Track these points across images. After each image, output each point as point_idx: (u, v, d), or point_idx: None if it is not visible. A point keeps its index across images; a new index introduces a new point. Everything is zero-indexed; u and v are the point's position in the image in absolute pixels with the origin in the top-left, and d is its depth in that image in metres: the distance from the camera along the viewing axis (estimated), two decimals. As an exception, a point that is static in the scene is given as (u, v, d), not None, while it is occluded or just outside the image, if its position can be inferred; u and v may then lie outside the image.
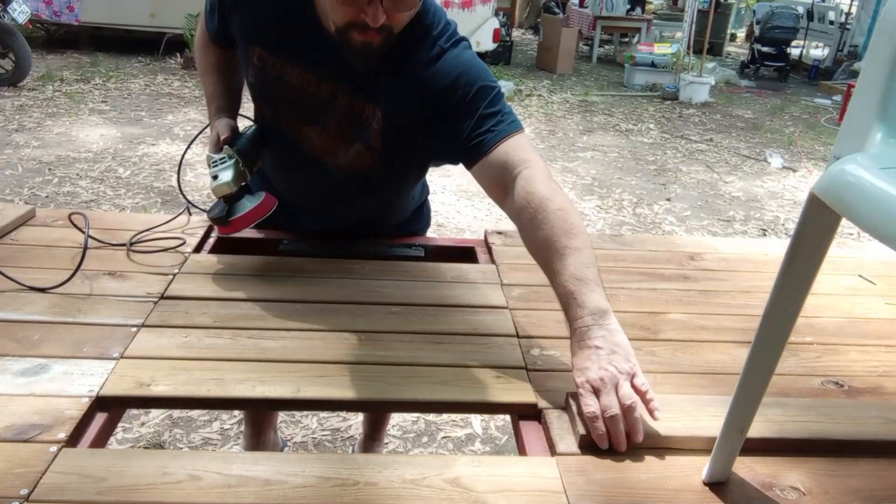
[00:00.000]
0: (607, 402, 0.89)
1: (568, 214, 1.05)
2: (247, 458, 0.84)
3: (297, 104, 1.26)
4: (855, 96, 0.73)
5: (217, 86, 1.40)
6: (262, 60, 1.25)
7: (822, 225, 0.70)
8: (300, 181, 1.41)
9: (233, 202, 1.28)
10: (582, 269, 1.00)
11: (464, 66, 1.19)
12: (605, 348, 0.94)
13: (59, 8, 8.05)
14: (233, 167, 1.26)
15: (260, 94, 1.31)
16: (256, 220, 1.28)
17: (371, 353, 1.07)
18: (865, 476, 0.89)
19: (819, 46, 12.89)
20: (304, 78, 1.23)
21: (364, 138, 1.25)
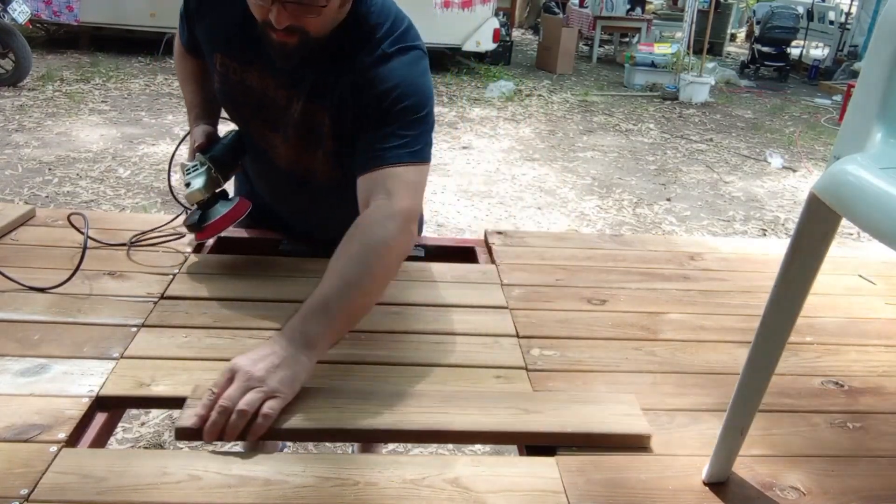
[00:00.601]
0: (231, 393, 0.87)
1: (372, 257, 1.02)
2: (247, 458, 0.84)
3: (260, 109, 1.26)
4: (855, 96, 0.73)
5: (195, 94, 1.40)
6: (224, 66, 1.26)
7: (822, 225, 0.70)
8: (276, 188, 1.41)
9: (207, 208, 1.29)
10: (336, 305, 0.98)
11: (400, 78, 1.15)
12: (278, 358, 0.91)
13: (59, 8, 8.04)
14: (205, 174, 1.27)
15: (225, 100, 1.32)
16: (229, 224, 1.29)
17: (371, 353, 1.07)
18: (865, 476, 0.89)
19: (819, 46, 12.89)
20: (263, 82, 1.23)
21: (318, 144, 1.23)
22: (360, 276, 1.01)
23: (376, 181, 1.10)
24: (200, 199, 1.28)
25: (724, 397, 0.89)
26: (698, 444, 0.93)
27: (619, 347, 1.15)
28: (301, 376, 0.92)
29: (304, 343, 0.94)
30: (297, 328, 0.95)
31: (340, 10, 1.12)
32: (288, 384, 0.90)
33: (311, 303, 0.98)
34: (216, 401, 0.87)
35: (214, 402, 0.87)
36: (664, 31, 11.73)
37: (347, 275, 1.01)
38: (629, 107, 8.15)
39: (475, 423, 0.91)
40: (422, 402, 0.95)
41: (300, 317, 0.96)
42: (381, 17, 1.18)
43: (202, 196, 1.27)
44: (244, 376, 0.88)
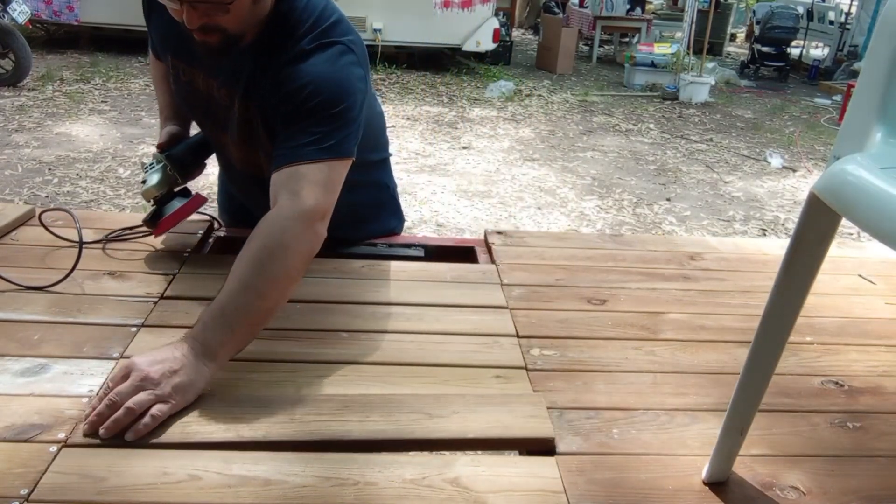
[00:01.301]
0: (122, 388, 0.87)
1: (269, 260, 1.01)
2: (247, 459, 0.84)
3: (208, 113, 1.27)
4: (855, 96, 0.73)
5: (165, 95, 1.41)
6: (175, 68, 1.28)
7: (822, 225, 0.70)
8: (240, 187, 1.42)
9: (162, 205, 1.32)
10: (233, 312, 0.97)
11: (315, 74, 1.11)
12: (177, 364, 0.90)
13: (59, 8, 8.04)
14: (160, 171, 1.31)
15: (181, 101, 1.34)
16: (181, 219, 1.32)
17: (371, 353, 1.07)
18: (865, 476, 0.89)
19: (819, 46, 12.88)
20: (207, 83, 1.24)
21: (257, 142, 1.22)
22: (257, 281, 0.99)
23: (283, 180, 1.07)
24: (154, 196, 1.31)
25: (724, 397, 0.89)
26: (698, 444, 0.93)
27: (619, 347, 1.15)
28: (198, 385, 0.91)
29: (203, 352, 0.93)
30: (198, 337, 0.94)
31: (256, 6, 1.10)
32: (181, 392, 0.89)
33: (210, 310, 0.96)
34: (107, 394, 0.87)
35: (105, 395, 0.87)
36: (664, 31, 11.73)
37: (245, 279, 0.99)
38: (629, 107, 8.15)
39: (377, 432, 0.89)
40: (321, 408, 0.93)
41: (201, 325, 0.95)
42: (304, 14, 1.15)
43: (155, 192, 1.31)
44: (139, 376, 0.88)
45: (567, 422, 0.95)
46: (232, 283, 0.98)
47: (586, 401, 1.00)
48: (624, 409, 0.99)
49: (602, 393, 1.03)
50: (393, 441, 0.89)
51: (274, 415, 0.90)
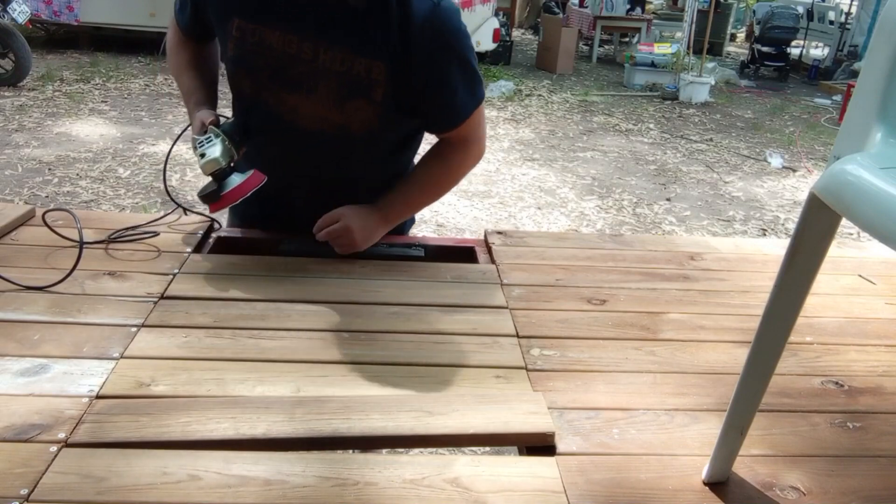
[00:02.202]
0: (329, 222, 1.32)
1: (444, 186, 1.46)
2: (247, 459, 0.84)
3: (279, 72, 1.26)
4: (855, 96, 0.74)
5: (194, 80, 1.40)
6: (240, 31, 1.26)
7: (822, 225, 0.70)
8: (292, 156, 1.38)
9: (222, 179, 1.26)
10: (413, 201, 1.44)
11: (453, 28, 1.25)
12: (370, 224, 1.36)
13: (59, 8, 8.05)
14: (220, 144, 1.25)
15: (240, 67, 1.30)
16: (246, 193, 1.26)
17: (371, 353, 1.07)
18: (865, 476, 0.89)
19: (819, 46, 12.88)
20: (284, 40, 1.24)
21: (363, 92, 1.25)
22: (435, 190, 1.44)
23: (462, 131, 1.34)
24: (217, 169, 1.24)
25: (724, 397, 0.89)
26: (698, 444, 0.93)
27: (619, 347, 1.15)
28: (373, 241, 1.38)
29: (385, 220, 1.39)
30: (386, 212, 1.38)
31: None
32: (364, 241, 1.36)
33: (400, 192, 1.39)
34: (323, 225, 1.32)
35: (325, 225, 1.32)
36: (664, 31, 11.73)
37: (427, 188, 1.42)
38: (629, 107, 8.15)
39: (377, 429, 0.89)
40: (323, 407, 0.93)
41: (390, 205, 1.38)
42: None
43: (219, 165, 1.24)
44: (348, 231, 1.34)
45: (567, 422, 0.95)
46: (415, 186, 1.42)
47: (586, 401, 1.01)
48: (624, 409, 0.99)
49: (602, 393, 1.03)
50: (393, 437, 0.89)
51: (274, 414, 0.90)
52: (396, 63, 1.22)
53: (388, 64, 1.22)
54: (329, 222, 1.33)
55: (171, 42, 1.44)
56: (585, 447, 0.91)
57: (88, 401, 0.91)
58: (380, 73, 1.23)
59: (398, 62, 1.22)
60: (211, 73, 1.44)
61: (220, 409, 0.91)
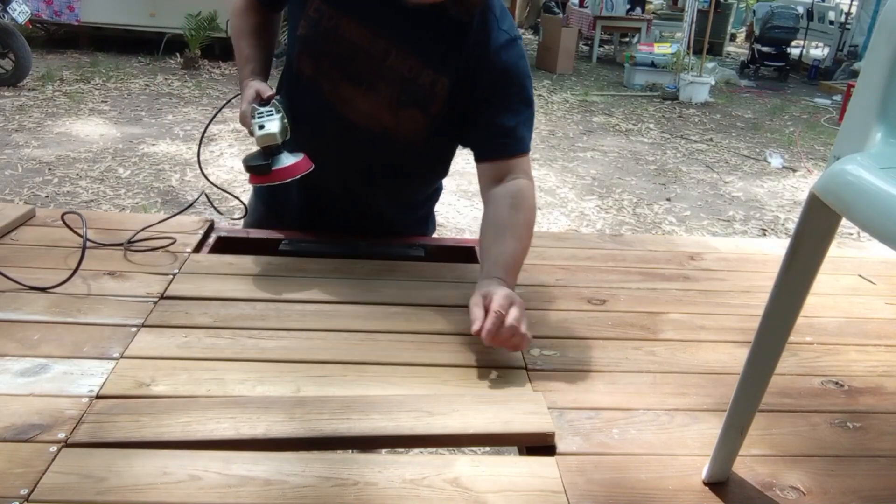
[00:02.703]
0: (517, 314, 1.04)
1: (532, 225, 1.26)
2: (247, 459, 0.83)
3: (345, 62, 1.26)
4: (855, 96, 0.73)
5: (254, 49, 1.39)
6: (318, 12, 1.25)
7: (822, 225, 0.70)
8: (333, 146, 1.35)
9: (272, 154, 1.25)
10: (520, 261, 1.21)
11: (524, 67, 1.28)
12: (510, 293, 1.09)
13: (59, 8, 8.05)
14: (279, 120, 1.24)
15: (306, 47, 1.29)
16: (295, 175, 1.25)
17: (371, 353, 1.07)
18: (865, 476, 0.89)
19: (819, 46, 12.89)
20: (359, 32, 1.23)
21: (420, 103, 1.26)
22: (527, 242, 1.24)
23: (512, 166, 1.28)
24: (272, 144, 1.23)
25: (724, 397, 0.89)
26: (698, 444, 0.93)
27: (619, 347, 1.15)
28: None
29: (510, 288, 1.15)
30: (507, 283, 1.14)
31: None
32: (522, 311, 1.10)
33: (509, 262, 1.18)
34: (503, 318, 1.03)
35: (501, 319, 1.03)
36: (664, 31, 11.73)
37: (522, 240, 1.23)
38: (629, 107, 8.15)
39: (377, 429, 0.89)
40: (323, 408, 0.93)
41: (504, 272, 1.16)
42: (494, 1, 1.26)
43: (274, 141, 1.23)
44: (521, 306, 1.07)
45: (567, 422, 0.95)
46: (517, 244, 1.21)
47: (586, 401, 1.01)
48: (624, 409, 0.99)
49: (602, 393, 1.03)
50: (393, 438, 0.89)
51: (274, 414, 0.90)
52: (460, 84, 1.24)
53: (453, 82, 1.24)
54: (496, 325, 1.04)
55: (237, 3, 1.42)
56: (585, 447, 0.91)
57: (88, 401, 0.91)
58: (443, 88, 1.24)
59: (462, 83, 1.24)
60: (270, 44, 1.44)
61: (220, 409, 0.91)
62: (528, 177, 1.29)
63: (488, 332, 1.01)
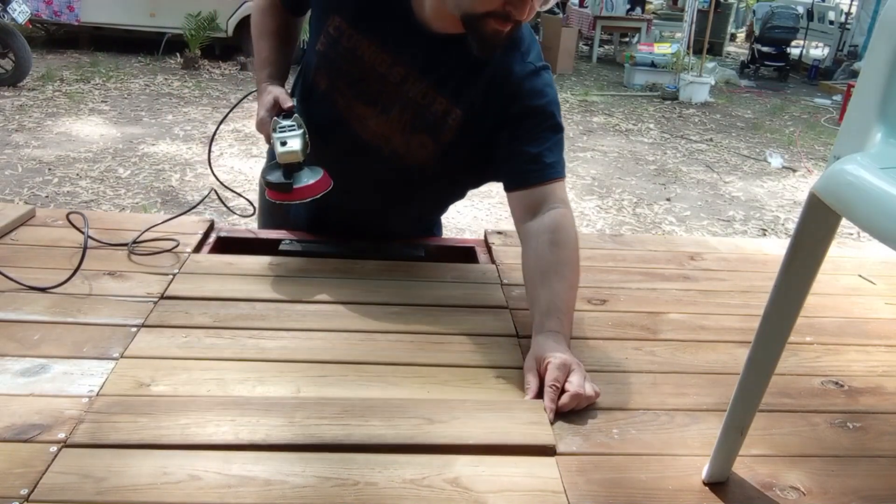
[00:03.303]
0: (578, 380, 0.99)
1: (578, 258, 1.18)
2: (247, 459, 0.83)
3: (360, 83, 1.25)
4: (855, 96, 0.74)
5: (273, 51, 1.37)
6: (338, 31, 1.24)
7: (822, 225, 0.70)
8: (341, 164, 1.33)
9: (292, 171, 1.23)
10: (572, 305, 1.14)
11: (550, 95, 1.24)
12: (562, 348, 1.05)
13: (59, 8, 8.05)
14: (300, 137, 1.22)
15: (323, 65, 1.29)
16: (317, 195, 1.24)
17: (371, 353, 1.07)
18: (865, 476, 0.89)
19: (819, 46, 12.89)
20: (377, 57, 1.22)
21: (431, 131, 1.25)
22: (575, 280, 1.16)
23: (545, 193, 1.20)
24: (295, 161, 1.22)
25: (724, 397, 0.89)
26: (698, 444, 0.93)
27: (619, 347, 1.15)
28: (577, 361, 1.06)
29: (566, 338, 1.09)
30: (564, 332, 1.09)
31: None
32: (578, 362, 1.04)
33: (560, 308, 1.11)
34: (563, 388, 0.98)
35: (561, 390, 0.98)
36: (664, 31, 11.73)
37: (570, 280, 1.15)
38: (629, 107, 8.15)
39: (377, 437, 0.88)
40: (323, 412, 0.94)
41: (559, 322, 1.09)
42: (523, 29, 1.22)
43: (297, 159, 1.22)
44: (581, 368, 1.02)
45: (567, 422, 0.95)
46: (564, 283, 1.14)
47: (586, 401, 1.00)
48: (624, 409, 0.99)
49: (602, 393, 1.02)
50: (392, 446, 0.88)
51: (274, 418, 0.90)
52: (476, 116, 1.23)
53: (467, 114, 1.23)
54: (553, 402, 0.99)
55: (261, 2, 1.41)
56: (585, 447, 0.91)
57: (88, 401, 0.91)
58: (455, 119, 1.23)
59: (479, 116, 1.22)
60: (290, 48, 1.42)
61: (220, 412, 0.91)
62: (565, 204, 1.21)
63: (551, 410, 0.96)
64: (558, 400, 0.96)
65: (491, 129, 1.23)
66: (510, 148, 1.23)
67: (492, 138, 1.23)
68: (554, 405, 0.96)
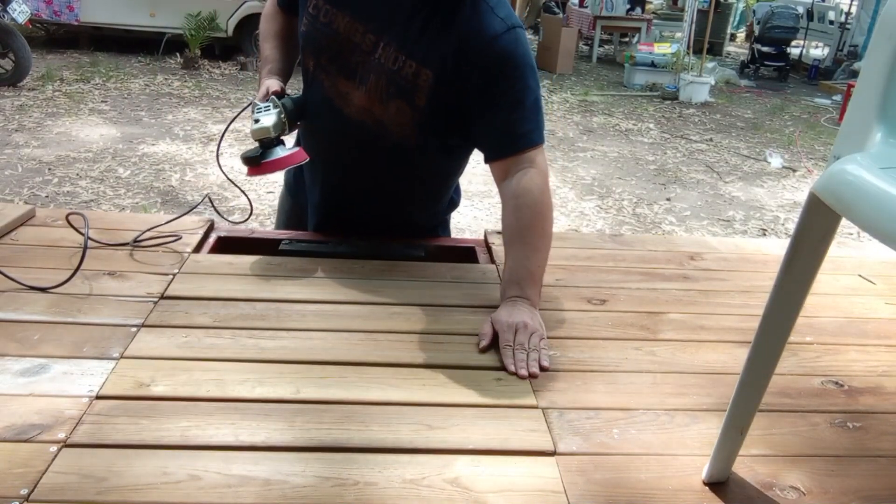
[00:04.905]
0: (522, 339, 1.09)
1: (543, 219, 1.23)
2: (247, 459, 0.84)
3: (339, 56, 1.30)
4: (855, 96, 0.74)
5: (274, 50, 1.45)
6: (316, 9, 1.30)
7: (822, 225, 0.70)
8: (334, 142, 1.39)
9: (267, 147, 1.30)
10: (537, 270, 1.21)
11: (522, 56, 1.24)
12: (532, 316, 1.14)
13: (59, 8, 8.04)
14: (275, 115, 1.29)
15: (307, 44, 1.35)
16: (284, 167, 1.31)
17: (371, 353, 1.07)
18: (865, 476, 0.89)
19: (819, 46, 12.88)
20: (351, 27, 1.27)
21: (405, 94, 1.26)
22: (541, 243, 1.22)
23: (522, 159, 1.24)
24: (265, 137, 1.29)
25: (724, 397, 0.89)
26: (698, 444, 0.93)
27: (619, 347, 1.15)
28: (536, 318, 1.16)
29: (532, 304, 1.17)
30: (526, 296, 1.17)
31: None
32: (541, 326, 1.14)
33: (519, 274, 1.19)
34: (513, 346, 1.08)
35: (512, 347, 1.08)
36: (664, 31, 11.72)
37: (534, 244, 1.22)
38: (629, 107, 8.15)
39: (376, 441, 0.88)
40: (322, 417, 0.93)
41: (519, 288, 1.18)
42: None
43: (267, 134, 1.28)
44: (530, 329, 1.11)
45: (567, 422, 0.95)
46: (526, 249, 1.21)
47: (586, 401, 1.00)
48: (624, 409, 0.99)
49: (602, 393, 1.03)
50: (392, 450, 0.88)
51: (273, 421, 0.90)
52: (446, 76, 1.23)
53: (437, 74, 1.24)
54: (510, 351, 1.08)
55: (266, 9, 1.51)
56: (585, 447, 0.91)
57: (88, 401, 0.91)
58: (426, 81, 1.24)
59: (448, 75, 1.23)
60: (293, 48, 1.48)
61: (220, 415, 0.91)
62: (535, 165, 1.24)
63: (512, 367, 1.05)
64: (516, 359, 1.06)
65: (464, 91, 1.24)
66: (487, 114, 1.25)
67: (467, 102, 1.25)
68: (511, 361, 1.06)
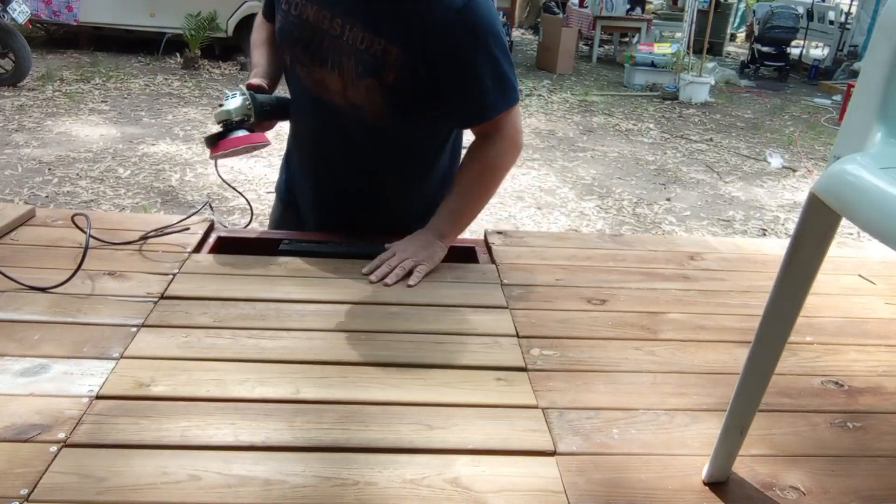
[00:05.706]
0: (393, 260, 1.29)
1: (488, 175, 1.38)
2: (247, 459, 0.84)
3: (311, 45, 1.33)
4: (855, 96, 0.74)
5: (262, 56, 1.51)
6: (287, 4, 1.35)
7: (822, 225, 0.70)
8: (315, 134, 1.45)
9: (228, 130, 1.34)
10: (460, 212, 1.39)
11: (487, 24, 1.26)
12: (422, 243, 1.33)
13: (59, 8, 8.04)
14: (240, 100, 1.35)
15: (283, 39, 1.39)
16: (239, 145, 1.34)
17: (371, 354, 1.07)
18: (865, 476, 0.89)
19: (819, 46, 12.88)
20: (319, 15, 1.31)
21: (375, 72, 1.28)
22: (476, 191, 1.38)
23: (486, 128, 1.34)
24: (225, 119, 1.34)
25: (724, 397, 0.89)
26: (698, 444, 0.93)
27: (619, 347, 1.15)
28: (438, 255, 1.34)
29: (438, 235, 1.35)
30: (437, 229, 1.35)
31: None
32: (429, 258, 1.31)
33: (445, 209, 1.37)
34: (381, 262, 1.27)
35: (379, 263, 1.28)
36: (664, 31, 11.72)
37: (467, 191, 1.37)
38: (629, 107, 8.15)
39: (376, 441, 0.89)
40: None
41: (438, 219, 1.36)
42: None
43: (228, 116, 1.34)
44: (402, 254, 1.30)
45: (567, 422, 0.95)
46: (459, 192, 1.37)
47: (586, 401, 1.01)
48: (624, 409, 0.99)
49: (602, 393, 1.03)
50: (392, 450, 0.88)
51: (273, 422, 0.90)
52: (413, 50, 1.25)
53: (404, 50, 1.25)
54: (379, 262, 1.31)
55: (256, 19, 1.57)
56: (585, 447, 0.91)
57: (88, 401, 0.91)
58: (395, 57, 1.26)
59: (415, 50, 1.25)
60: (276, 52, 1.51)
61: (220, 415, 0.91)
62: (500, 132, 1.33)
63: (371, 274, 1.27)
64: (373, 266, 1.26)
65: (431, 64, 1.26)
66: (451, 90, 1.29)
67: (434, 74, 1.27)
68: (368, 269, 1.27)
